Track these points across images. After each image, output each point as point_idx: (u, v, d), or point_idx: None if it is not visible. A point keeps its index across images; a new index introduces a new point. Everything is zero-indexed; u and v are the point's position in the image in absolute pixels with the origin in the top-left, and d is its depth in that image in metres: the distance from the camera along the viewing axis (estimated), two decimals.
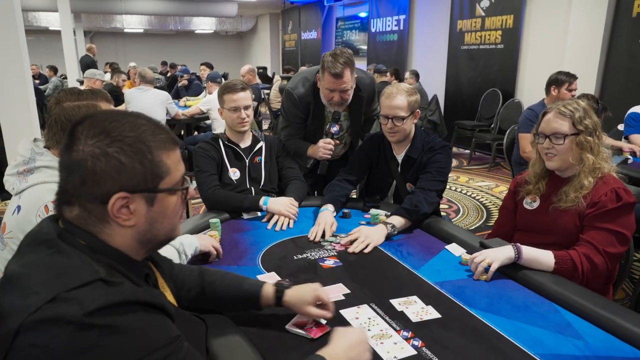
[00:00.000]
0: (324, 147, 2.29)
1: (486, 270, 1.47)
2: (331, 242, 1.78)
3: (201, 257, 1.60)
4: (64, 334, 0.66)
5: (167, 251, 1.44)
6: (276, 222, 1.94)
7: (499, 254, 1.48)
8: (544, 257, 1.49)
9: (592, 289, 1.39)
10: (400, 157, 2.19)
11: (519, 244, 1.50)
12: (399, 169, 2.21)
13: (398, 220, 1.85)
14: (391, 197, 2.30)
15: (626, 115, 3.65)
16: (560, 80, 3.44)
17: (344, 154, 2.65)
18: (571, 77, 3.45)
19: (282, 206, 1.98)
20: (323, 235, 1.81)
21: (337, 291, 1.40)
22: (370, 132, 2.67)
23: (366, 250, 1.69)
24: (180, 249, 1.47)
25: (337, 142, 2.39)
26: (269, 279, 1.37)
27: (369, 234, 1.75)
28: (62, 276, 0.72)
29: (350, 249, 1.69)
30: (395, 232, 1.83)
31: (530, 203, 1.76)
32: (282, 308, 1.21)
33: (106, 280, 0.73)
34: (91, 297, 0.69)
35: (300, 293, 1.19)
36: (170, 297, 0.96)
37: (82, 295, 0.69)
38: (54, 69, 10.70)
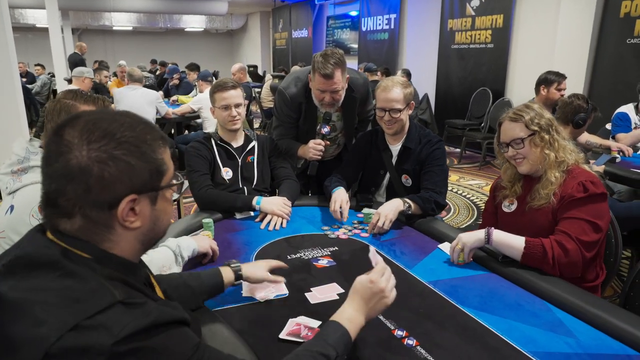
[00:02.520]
0: (314, 148, 2.29)
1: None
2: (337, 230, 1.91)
3: (198, 260, 1.59)
4: None
5: (164, 254, 1.43)
6: (269, 222, 1.94)
7: (470, 237, 1.57)
8: (514, 242, 1.53)
9: (580, 286, 1.41)
10: (396, 148, 2.21)
11: (492, 229, 1.57)
12: (394, 160, 2.22)
13: (413, 203, 1.96)
14: (384, 191, 2.31)
15: (613, 115, 3.69)
16: (549, 80, 3.48)
17: (337, 154, 2.65)
18: (560, 77, 3.49)
19: (276, 206, 1.98)
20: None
21: (330, 290, 1.40)
22: None
23: (386, 227, 1.84)
24: (176, 251, 1.46)
25: (328, 142, 2.39)
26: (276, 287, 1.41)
27: (385, 210, 1.86)
28: (78, 301, 0.69)
29: (376, 231, 1.84)
30: (410, 211, 1.94)
31: (509, 206, 1.80)
32: (277, 313, 1.27)
33: (126, 302, 0.71)
34: (119, 323, 0.67)
35: (255, 267, 1.36)
36: (159, 293, 0.96)
37: (107, 320, 0.67)
38: (43, 67, 10.54)
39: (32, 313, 0.67)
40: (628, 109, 3.65)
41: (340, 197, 2.00)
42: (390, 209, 1.88)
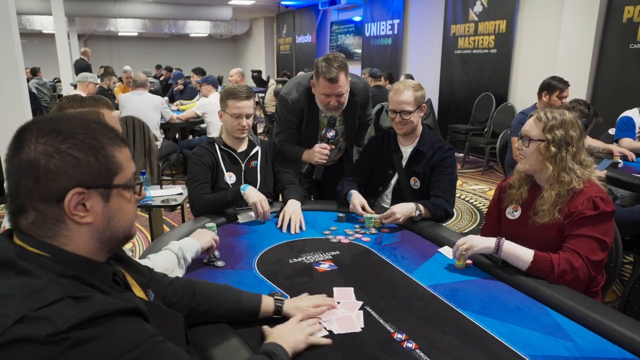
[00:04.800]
0: (320, 152, 2.31)
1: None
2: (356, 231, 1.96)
3: (207, 260, 1.61)
4: (37, 352, 0.67)
5: (166, 258, 1.45)
6: (281, 224, 1.96)
7: (479, 242, 1.55)
8: (523, 255, 1.51)
9: (580, 291, 1.42)
10: (408, 150, 2.24)
11: (503, 239, 1.54)
12: (404, 161, 2.25)
13: (423, 208, 2.02)
14: (391, 192, 2.32)
15: (618, 119, 3.69)
16: (552, 87, 3.48)
17: (339, 159, 2.67)
18: (564, 84, 3.47)
19: (258, 198, 2.00)
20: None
21: (347, 295, 1.41)
22: (365, 137, 2.71)
23: (396, 221, 1.94)
24: (179, 254, 1.48)
25: (333, 147, 2.41)
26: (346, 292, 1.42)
27: (398, 209, 1.95)
28: (28, 297, 0.71)
29: (385, 221, 1.95)
30: (419, 218, 1.99)
31: (512, 212, 1.79)
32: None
33: (74, 296, 0.73)
34: (63, 315, 0.69)
35: (296, 301, 1.29)
36: (139, 293, 0.97)
37: (53, 313, 0.69)
38: (34, 71, 10.21)
39: None
40: (633, 113, 3.64)
41: (358, 199, 2.08)
42: (403, 212, 1.95)
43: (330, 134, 2.31)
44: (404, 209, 1.96)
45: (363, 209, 2.04)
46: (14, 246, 0.79)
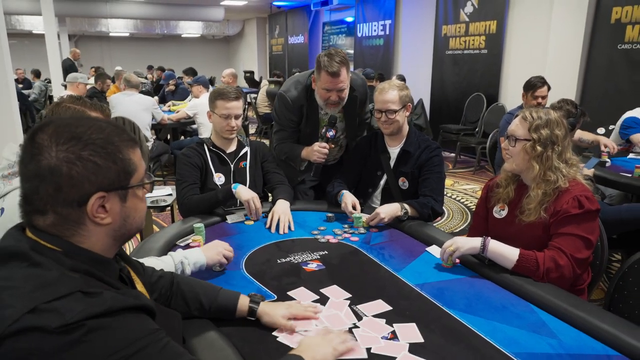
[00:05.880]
0: (319, 151, 2.29)
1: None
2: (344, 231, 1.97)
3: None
4: (46, 341, 0.69)
5: (165, 263, 1.43)
6: (270, 224, 1.96)
7: (465, 243, 1.57)
8: (509, 253, 1.52)
9: (566, 289, 1.43)
10: (395, 150, 2.25)
11: (489, 238, 1.56)
12: (392, 162, 2.25)
13: (410, 208, 2.03)
14: (380, 192, 2.33)
15: (623, 119, 3.60)
16: (529, 85, 3.51)
17: (339, 158, 2.65)
18: (541, 82, 3.49)
19: (251, 196, 2.00)
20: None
21: (339, 294, 1.42)
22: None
23: (381, 221, 1.97)
24: (178, 266, 1.44)
25: (332, 145, 2.40)
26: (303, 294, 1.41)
27: (382, 210, 1.97)
28: (40, 289, 0.73)
29: (371, 223, 1.97)
30: (406, 217, 2.01)
31: (499, 211, 1.80)
32: None
33: (85, 291, 0.75)
34: (72, 309, 0.72)
35: (272, 308, 1.24)
36: (143, 290, 0.99)
37: (63, 306, 0.72)
38: (37, 73, 10.48)
39: (1, 298, 0.73)
40: (638, 112, 3.58)
41: (350, 198, 2.10)
42: (387, 212, 1.97)
43: (330, 133, 2.30)
44: (389, 210, 1.98)
45: (354, 207, 2.04)
46: (27, 239, 0.81)
